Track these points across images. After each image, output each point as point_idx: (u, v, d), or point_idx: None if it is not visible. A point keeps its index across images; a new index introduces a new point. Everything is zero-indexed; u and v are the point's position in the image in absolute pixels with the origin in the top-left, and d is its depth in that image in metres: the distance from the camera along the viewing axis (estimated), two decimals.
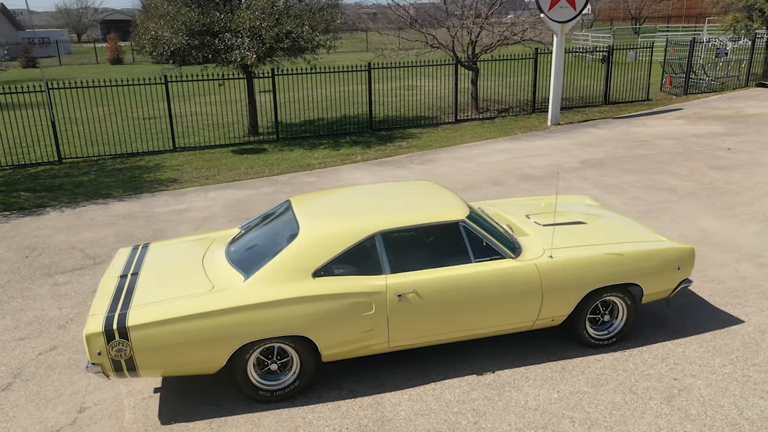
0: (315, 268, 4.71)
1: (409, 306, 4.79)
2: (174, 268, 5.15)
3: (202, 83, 18.36)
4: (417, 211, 5.08)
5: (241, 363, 4.65)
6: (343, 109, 18.09)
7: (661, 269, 5.33)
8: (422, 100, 18.69)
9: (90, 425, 4.64)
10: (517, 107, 17.66)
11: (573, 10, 14.60)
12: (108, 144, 14.54)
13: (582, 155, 12.16)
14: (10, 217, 9.80)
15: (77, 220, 9.47)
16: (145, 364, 4.44)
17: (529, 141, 13.76)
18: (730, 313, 5.94)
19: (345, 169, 12.01)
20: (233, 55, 13.03)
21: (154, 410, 4.80)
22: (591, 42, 33.04)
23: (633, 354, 5.34)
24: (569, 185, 10.17)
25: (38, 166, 13.04)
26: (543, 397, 4.81)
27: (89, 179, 11.87)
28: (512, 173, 11.08)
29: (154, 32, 13.32)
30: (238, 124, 16.27)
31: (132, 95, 20.45)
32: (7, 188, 11.39)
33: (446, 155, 12.77)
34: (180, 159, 13.30)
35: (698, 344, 5.44)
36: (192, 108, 18.75)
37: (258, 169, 12.22)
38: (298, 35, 13.09)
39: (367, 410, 4.72)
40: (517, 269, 4.99)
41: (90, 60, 42.36)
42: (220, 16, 13.23)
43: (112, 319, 4.39)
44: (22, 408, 4.88)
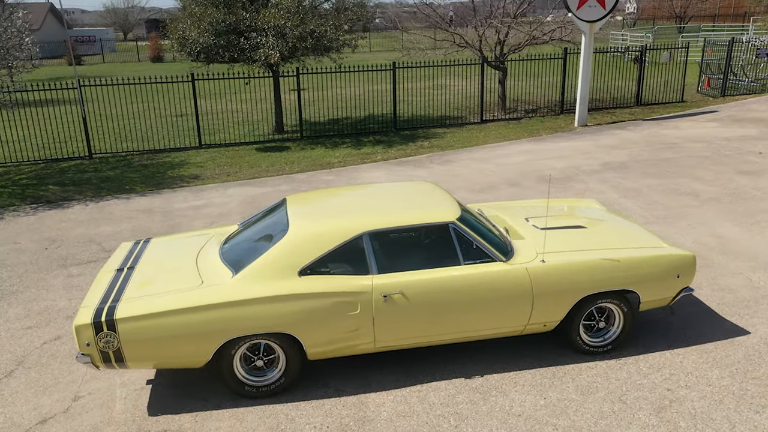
0: (301, 267, 4.75)
1: (394, 307, 4.78)
2: (169, 263, 5.25)
3: (233, 81, 18.69)
4: (407, 212, 5.06)
5: (227, 358, 4.72)
6: (369, 108, 18.13)
7: (658, 276, 5.18)
8: (449, 99, 18.59)
9: (81, 414, 4.78)
10: (545, 108, 17.40)
11: (602, 9, 14.29)
12: (137, 140, 14.91)
13: (604, 158, 11.91)
14: (37, 209, 10.16)
15: (98, 214, 9.75)
16: (133, 356, 4.55)
17: (553, 142, 13.54)
18: (736, 324, 5.74)
19: (364, 168, 12.05)
20: (258, 54, 13.20)
21: (144, 402, 4.91)
22: (629, 41, 32.31)
23: (628, 362, 5.21)
24: (587, 188, 9.98)
25: (69, 161, 13.47)
26: (529, 403, 4.74)
27: (115, 174, 12.20)
28: (531, 175, 10.93)
29: (182, 32, 13.60)
30: (264, 122, 16.48)
31: (165, 93, 20.87)
32: (37, 182, 11.80)
33: (466, 156, 12.68)
34: (204, 156, 13.55)
35: (698, 355, 5.28)
36: (222, 106, 19.08)
37: (278, 167, 12.36)
38: (322, 34, 13.17)
39: (351, 410, 4.74)
40: (506, 273, 4.93)
41: (132, 58, 43.51)
42: (245, 15, 13.41)
43: (101, 312, 4.51)
44: (20, 394, 5.06)
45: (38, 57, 11.41)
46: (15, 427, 4.66)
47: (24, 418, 4.75)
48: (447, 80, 21.08)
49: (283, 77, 15.36)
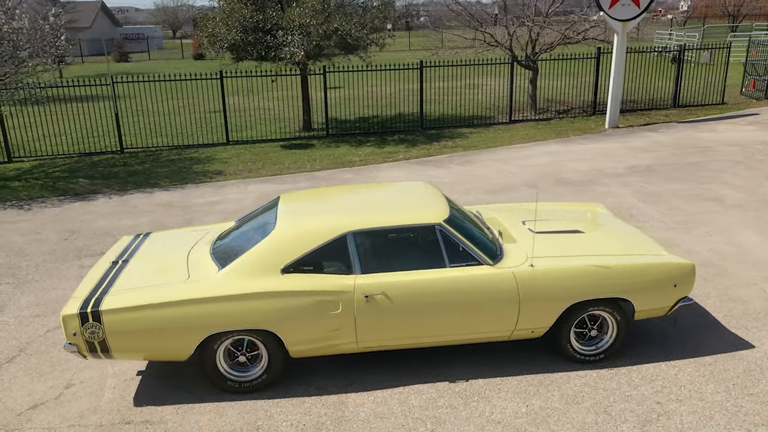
0: (284, 265, 4.77)
1: (377, 307, 4.76)
2: (161, 257, 5.36)
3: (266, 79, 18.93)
4: (393, 213, 5.03)
5: (210, 353, 4.79)
6: (397, 107, 18.10)
7: (654, 285, 5.01)
8: (479, 99, 18.38)
9: (71, 401, 4.93)
10: (577, 109, 17.04)
11: (636, 8, 13.89)
12: (168, 136, 15.27)
13: (631, 161, 11.58)
14: (64, 201, 10.51)
15: (121, 207, 10.03)
16: (118, 347, 4.66)
17: (580, 144, 13.24)
18: (741, 337, 5.50)
19: (384, 167, 12.04)
20: (283, 52, 13.34)
21: (132, 392, 5.03)
22: (674, 41, 31.31)
23: (620, 372, 5.06)
24: (607, 191, 9.72)
25: (102, 155, 13.90)
26: (510, 410, 4.65)
27: (143, 169, 12.52)
28: (551, 177, 10.72)
29: (212, 28, 13.86)
30: (293, 120, 16.64)
31: (198, 89, 21.28)
32: (69, 175, 12.21)
33: (489, 156, 12.52)
34: (231, 152, 13.78)
35: (695, 367, 5.08)
36: (255, 103, 19.35)
37: (300, 165, 12.47)
38: (346, 33, 13.20)
39: (330, 409, 4.74)
40: (493, 276, 4.85)
41: (177, 55, 44.59)
42: (272, 13, 13.57)
43: (88, 303, 4.63)
44: (18, 380, 5.24)
45: (67, 54, 11.75)
46: (8, 411, 4.83)
47: (17, 403, 4.92)
48: (477, 79, 20.84)
49: (311, 75, 15.49)
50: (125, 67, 36.12)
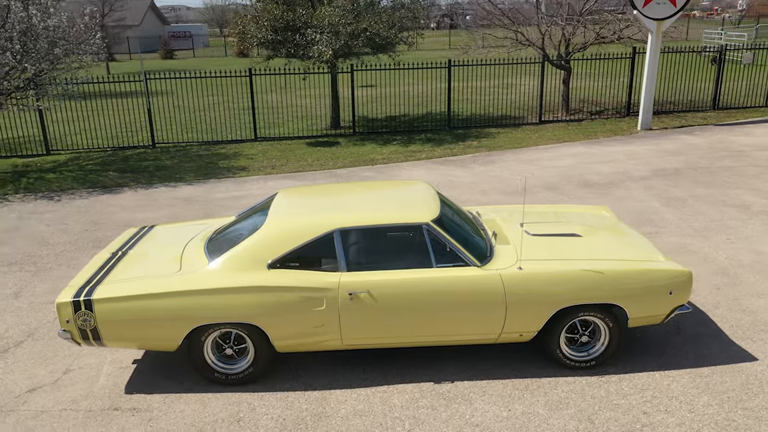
0: (271, 260, 4.83)
1: (360, 305, 4.77)
2: (159, 250, 5.50)
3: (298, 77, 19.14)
4: (382, 211, 5.03)
5: (198, 344, 4.89)
6: (428, 106, 18.06)
7: (647, 292, 4.86)
8: (510, 99, 18.15)
9: (67, 386, 5.11)
10: (611, 110, 16.64)
11: (672, 6, 13.48)
12: (199, 132, 15.61)
13: (658, 164, 11.25)
14: (92, 193, 10.88)
15: (144, 200, 10.31)
16: (108, 335, 4.80)
17: (608, 146, 12.94)
18: (745, 349, 5.29)
19: (405, 166, 12.02)
20: (312, 51, 13.46)
21: (125, 380, 5.17)
22: (723, 40, 30.22)
23: (611, 380, 4.93)
24: (628, 195, 9.47)
25: (134, 149, 14.31)
26: (491, 414, 4.60)
27: (171, 163, 12.83)
28: (573, 179, 10.51)
29: (242, 26, 14.10)
30: (323, 118, 16.76)
31: (235, 86, 21.68)
32: (100, 168, 12.62)
33: (512, 157, 12.36)
34: (257, 148, 13.99)
35: (690, 378, 4.91)
36: (288, 100, 19.59)
37: (323, 162, 12.57)
38: (374, 32, 13.22)
39: (312, 404, 4.78)
40: (479, 278, 4.79)
41: (221, 53, 45.49)
42: (302, 12, 13.71)
43: (81, 292, 4.79)
44: (22, 363, 5.46)
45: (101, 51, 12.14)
46: (7, 392, 5.04)
47: (17, 385, 5.13)
48: (509, 79, 20.58)
49: (340, 73, 15.58)
50: (169, 64, 37.07)
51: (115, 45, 37.32)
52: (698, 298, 6.17)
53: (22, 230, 8.99)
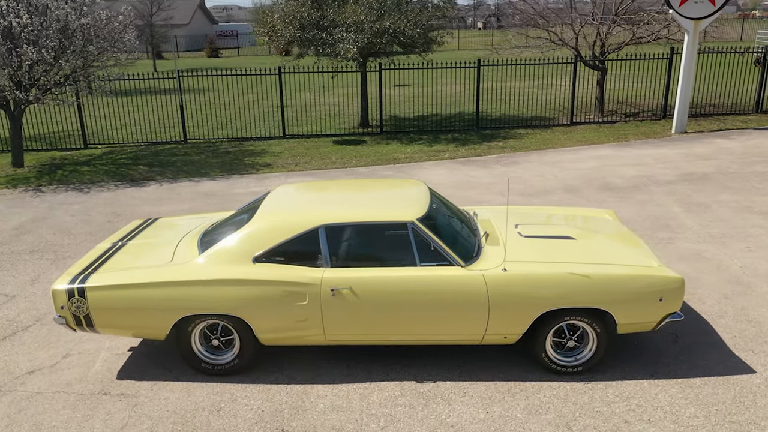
0: (256, 254, 4.91)
1: (342, 301, 4.79)
2: (157, 241, 5.65)
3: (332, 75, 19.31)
4: (368, 208, 5.05)
5: (185, 334, 5.00)
6: (459, 105, 17.94)
7: (636, 298, 4.73)
8: (543, 100, 17.87)
9: (64, 369, 5.31)
10: (648, 112, 16.19)
11: (711, 5, 13.01)
12: (230, 128, 15.93)
13: (686, 168, 10.89)
14: (120, 186, 11.24)
15: (167, 194, 10.60)
16: (100, 322, 4.96)
17: (637, 149, 12.59)
18: (744, 361, 5.08)
19: (426, 166, 11.99)
20: (338, 49, 13.56)
21: (118, 366, 5.34)
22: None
23: (597, 387, 4.82)
24: (649, 199, 9.21)
25: (166, 144, 14.71)
26: (468, 415, 4.56)
27: (199, 159, 13.14)
28: (595, 182, 10.28)
29: (271, 25, 14.32)
30: (353, 116, 16.85)
31: (270, 84, 22.02)
32: (131, 162, 13.03)
33: (536, 158, 12.17)
34: (284, 146, 14.18)
35: (680, 389, 4.75)
36: (322, 99, 19.78)
37: (346, 160, 12.65)
38: (399, 30, 13.22)
39: (292, 397, 4.83)
40: (462, 278, 4.75)
41: (265, 51, 46.22)
42: (329, 11, 13.82)
43: (76, 279, 4.97)
44: (26, 347, 5.70)
45: (134, 49, 12.51)
46: (8, 374, 5.27)
47: (18, 367, 5.36)
48: (544, 80, 20.26)
49: (369, 72, 15.64)
50: (213, 62, 37.92)
51: (163, 43, 38.36)
52: (703, 307, 5.96)
53: (49, 220, 9.36)
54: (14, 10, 10.80)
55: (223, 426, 4.53)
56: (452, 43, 44.34)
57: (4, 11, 10.84)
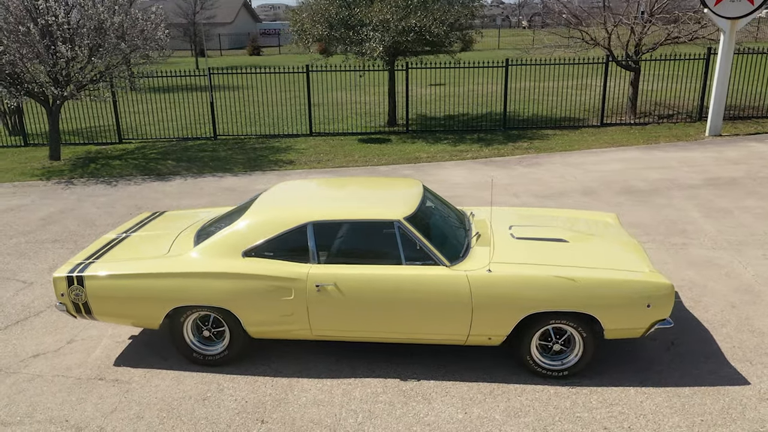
0: (246, 249, 5.02)
1: (327, 297, 4.86)
2: (158, 234, 5.83)
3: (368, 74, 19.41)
4: (356, 206, 5.10)
5: (178, 324, 5.15)
6: (490, 105, 17.80)
7: (622, 303, 4.64)
8: (577, 100, 17.57)
9: (66, 354, 5.54)
10: (683, 114, 15.74)
11: (749, 4, 12.55)
12: (260, 125, 16.20)
13: (714, 172, 10.55)
14: (146, 180, 11.59)
15: (189, 189, 10.88)
16: (98, 310, 5.16)
17: (665, 151, 12.26)
18: (739, 372, 4.93)
19: (447, 165, 11.96)
20: (364, 48, 13.64)
21: (117, 353, 5.54)
22: None
23: (581, 392, 4.76)
24: (668, 203, 8.97)
25: (196, 140, 15.07)
26: (446, 415, 4.56)
27: (226, 155, 13.42)
28: (615, 184, 10.07)
29: (300, 24, 14.51)
30: (382, 115, 16.90)
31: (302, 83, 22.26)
32: (161, 157, 13.40)
33: (560, 160, 11.99)
34: (310, 143, 14.36)
35: (666, 397, 4.65)
36: (354, 97, 19.90)
37: (368, 158, 12.72)
38: (424, 29, 13.21)
39: (277, 390, 4.92)
40: (445, 278, 4.76)
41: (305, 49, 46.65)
42: (356, 10, 13.92)
43: (76, 268, 5.18)
44: (35, 331, 5.97)
45: (165, 47, 12.87)
46: (15, 356, 5.53)
47: (25, 351, 5.62)
48: (577, 80, 19.89)
49: (398, 71, 15.67)
50: (254, 60, 38.57)
51: (207, 41, 39.20)
52: (706, 315, 5.80)
53: (75, 211, 9.74)
54: (51, 9, 11.25)
55: (206, 414, 4.66)
56: (492, 42, 44.02)
57: (41, 10, 11.31)
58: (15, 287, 6.96)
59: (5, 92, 11.87)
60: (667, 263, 6.94)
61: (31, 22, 11.37)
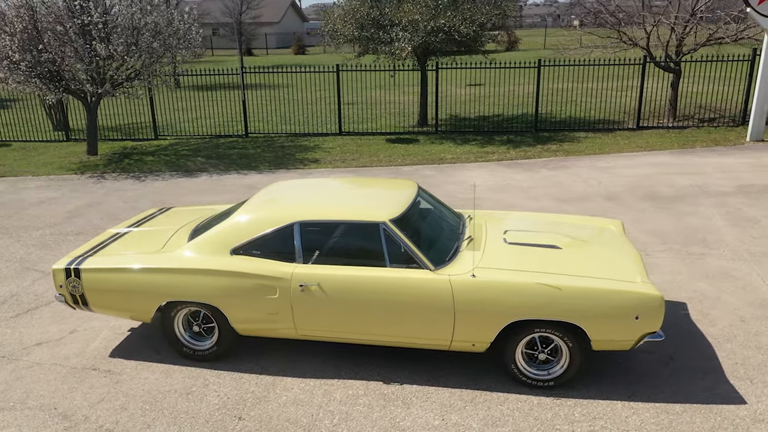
0: (234, 246, 5.07)
1: (311, 297, 4.87)
2: (158, 229, 5.95)
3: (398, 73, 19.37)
4: (345, 207, 5.08)
5: (169, 319, 5.26)
6: (525, 107, 17.51)
7: (608, 314, 4.47)
8: (615, 102, 17.08)
9: (66, 344, 5.72)
10: (726, 117, 15.10)
11: None
12: (291, 124, 16.38)
13: (748, 179, 10.08)
14: (174, 176, 11.88)
15: (213, 185, 11.09)
16: (93, 302, 5.31)
17: (699, 156, 11.79)
18: (737, 390, 4.69)
19: (470, 167, 11.82)
20: (393, 47, 13.62)
21: (114, 344, 5.69)
22: None
23: (566, 404, 4.61)
24: (692, 211, 8.62)
25: (228, 138, 15.36)
26: (422, 420, 4.50)
27: (255, 153, 13.63)
28: (639, 190, 9.74)
29: (332, 24, 14.60)
30: (413, 115, 16.84)
31: (341, 81, 22.36)
32: (192, 153, 13.71)
33: (587, 163, 11.68)
34: (338, 142, 14.43)
35: (654, 413, 4.46)
36: (388, 97, 19.90)
37: (392, 158, 12.69)
38: (453, 29, 13.08)
39: (260, 387, 4.96)
40: (428, 281, 4.69)
41: (349, 49, 46.95)
42: (387, 10, 13.91)
43: (74, 261, 5.34)
44: (42, 320, 6.19)
45: (198, 46, 13.15)
46: (19, 344, 5.75)
47: (29, 339, 5.83)
48: (616, 82, 19.34)
49: (429, 71, 15.58)
50: (299, 59, 39.04)
51: (253, 40, 39.92)
52: (712, 329, 5.54)
53: (102, 205, 10.06)
54: (86, 9, 11.65)
55: (188, 408, 4.74)
56: (538, 42, 43.26)
57: (77, 10, 11.73)
58: (33, 277, 7.24)
59: (45, 89, 12.35)
60: (680, 274, 6.67)
61: (69, 22, 11.80)
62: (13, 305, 6.53)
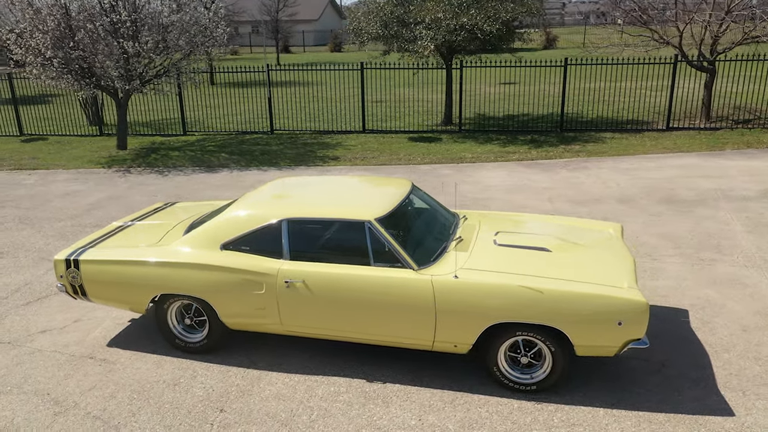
0: (224, 242, 5.16)
1: (296, 294, 4.92)
2: (160, 223, 6.09)
3: (425, 72, 19.30)
4: (331, 206, 5.11)
5: (162, 311, 5.39)
6: (552, 106, 17.24)
7: (590, 319, 4.38)
8: (648, 102, 16.66)
9: (69, 332, 5.92)
10: (764, 118, 14.56)
11: None
12: (316, 121, 16.52)
13: None
14: (195, 171, 12.12)
15: (231, 181, 11.27)
16: (92, 292, 5.48)
17: (727, 159, 11.40)
18: (727, 401, 4.54)
19: (488, 167, 11.71)
20: (416, 46, 13.59)
21: (112, 335, 5.86)
22: None
23: (546, 409, 4.55)
24: (711, 215, 8.36)
25: (253, 134, 15.58)
26: (399, 420, 4.50)
27: (277, 149, 13.80)
28: (658, 193, 9.49)
29: (357, 22, 14.66)
30: (439, 114, 16.77)
31: (368, 78, 22.40)
32: (217, 149, 13.96)
33: (609, 164, 11.44)
34: (360, 140, 14.48)
35: (636, 422, 4.36)
36: (416, 95, 19.87)
37: (412, 157, 12.67)
38: (476, 27, 12.96)
39: (245, 381, 5.04)
40: (410, 281, 4.68)
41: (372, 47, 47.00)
42: (411, 7, 13.88)
43: (75, 252, 5.52)
44: (49, 309, 6.41)
45: (224, 44, 13.37)
46: (25, 331, 5.98)
47: (36, 326, 6.05)
48: (647, 81, 18.84)
49: (455, 69, 15.49)
50: (333, 57, 39.29)
51: (290, 38, 40.33)
52: (711, 338, 5.38)
53: (123, 199, 10.35)
54: (116, 7, 11.99)
55: (173, 399, 4.85)
56: (578, 40, 42.44)
57: (106, 9, 12.08)
58: (47, 266, 7.50)
59: (76, 84, 12.76)
60: (686, 280, 6.48)
61: (99, 20, 12.16)
62: (25, 293, 6.78)
